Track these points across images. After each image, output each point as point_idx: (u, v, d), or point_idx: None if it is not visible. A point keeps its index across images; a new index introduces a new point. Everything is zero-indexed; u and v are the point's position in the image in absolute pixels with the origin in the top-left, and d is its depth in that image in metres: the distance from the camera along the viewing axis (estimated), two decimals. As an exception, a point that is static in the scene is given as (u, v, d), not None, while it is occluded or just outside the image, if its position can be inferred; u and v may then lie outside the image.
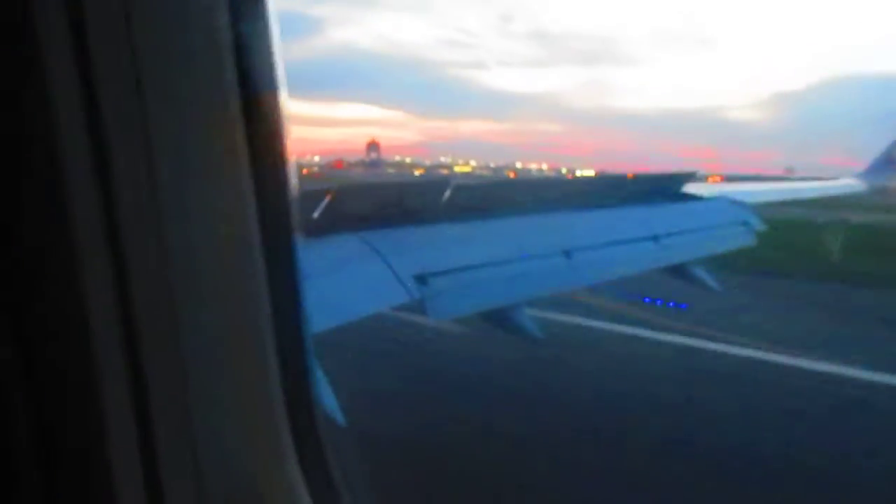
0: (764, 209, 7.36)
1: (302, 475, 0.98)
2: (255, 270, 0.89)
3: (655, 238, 5.14)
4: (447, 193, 4.12)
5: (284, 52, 0.94)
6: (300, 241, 1.03)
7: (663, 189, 6.47)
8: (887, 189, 11.64)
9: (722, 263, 5.85)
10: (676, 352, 10.15)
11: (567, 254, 4.31)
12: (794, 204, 9.25)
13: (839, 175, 12.35)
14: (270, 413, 0.94)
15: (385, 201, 4.01)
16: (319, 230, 3.38)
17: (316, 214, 3.41)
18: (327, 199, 3.44)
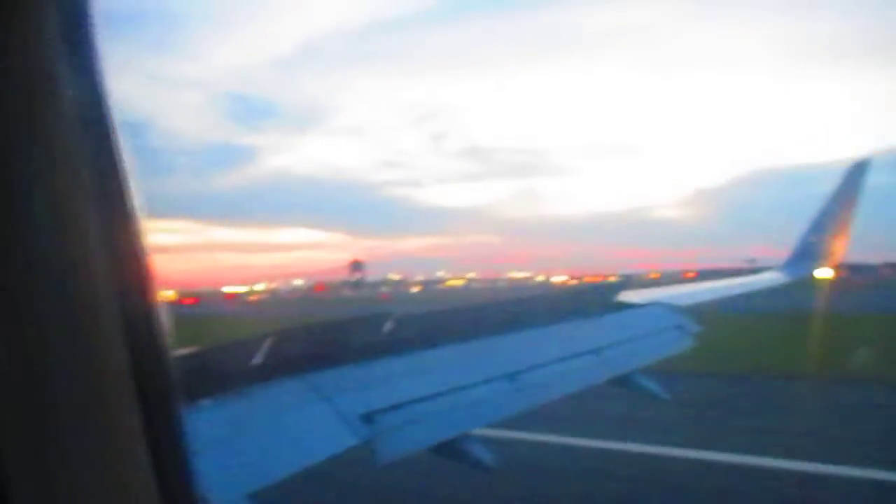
0: (696, 310, 7.56)
1: None
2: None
3: (597, 351, 5.18)
4: (388, 326, 4.10)
5: (221, 181, 0.96)
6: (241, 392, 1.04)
7: (599, 299, 6.60)
8: (807, 280, 12.12)
9: (663, 369, 5.91)
10: (623, 457, 10.11)
11: (511, 377, 4.29)
12: (724, 301, 9.51)
13: (776, 264, 12.83)
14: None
15: (327, 340, 3.97)
16: (261, 376, 3.30)
17: (257, 360, 3.34)
18: (267, 342, 3.38)
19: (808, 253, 12.50)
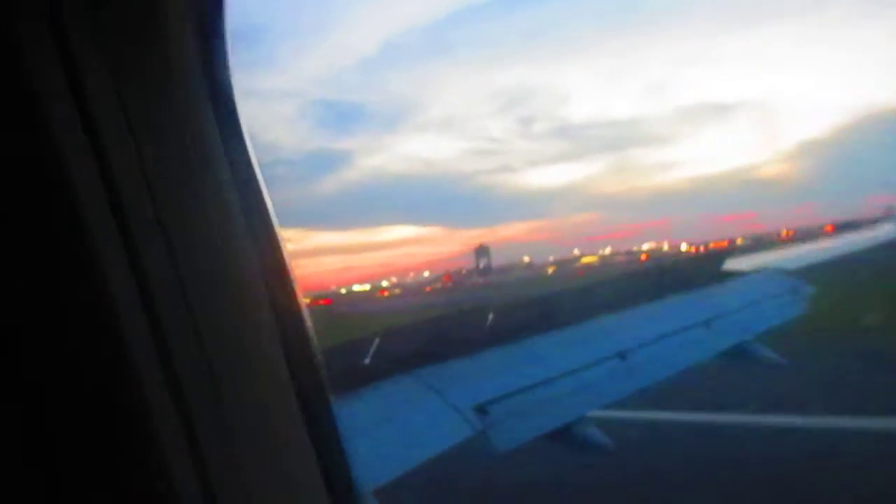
0: (808, 272, 7.22)
1: None
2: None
3: (707, 324, 5.03)
4: (491, 318, 4.12)
5: (320, 187, 1.01)
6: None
7: (706, 270, 6.41)
8: None
9: (779, 335, 5.68)
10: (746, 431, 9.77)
11: (622, 356, 4.23)
12: (839, 260, 9.05)
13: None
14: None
15: (433, 336, 4.03)
16: (373, 375, 3.38)
17: (367, 360, 3.42)
18: (376, 342, 3.47)
19: None
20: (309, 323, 1.03)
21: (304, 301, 1.03)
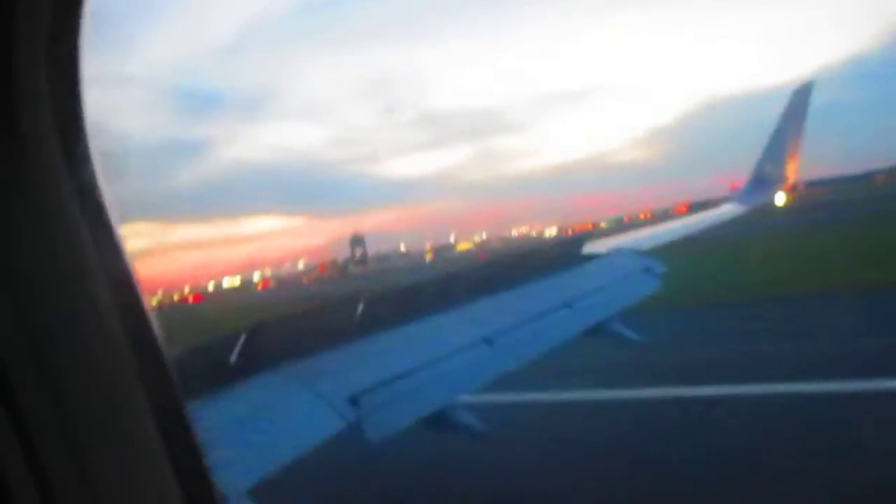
0: (659, 251, 7.71)
1: None
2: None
3: (568, 305, 5.28)
4: (360, 308, 4.13)
5: (177, 178, 0.99)
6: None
7: (565, 253, 6.70)
8: (762, 208, 12.37)
9: (635, 313, 6.04)
10: (609, 406, 10.33)
11: (489, 341, 4.37)
12: (686, 239, 9.69)
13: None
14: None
15: (302, 328, 3.99)
16: (241, 371, 3.32)
17: (234, 356, 3.35)
18: (242, 338, 3.40)
19: (764, 180, 12.71)
20: (156, 325, 1.00)
21: (149, 302, 1.00)
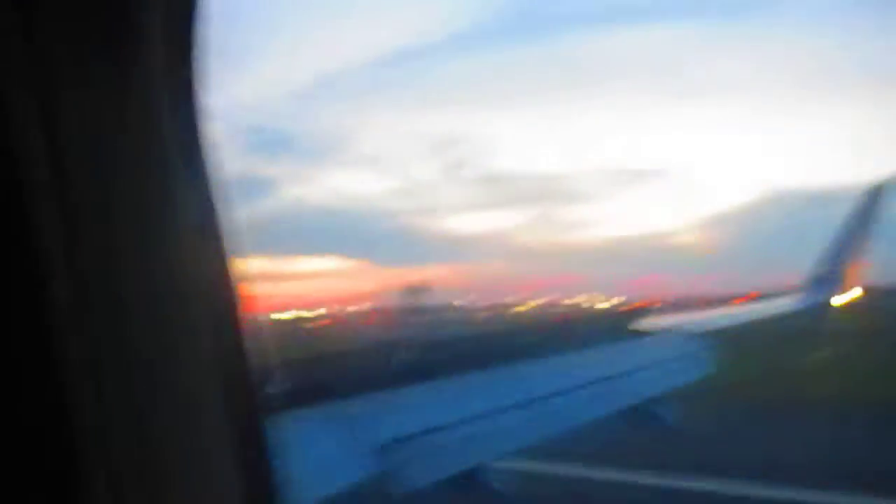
0: (713, 338, 7.53)
1: None
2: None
3: (612, 380, 5.18)
4: (402, 355, 4.13)
5: (239, 213, 1.00)
6: None
7: (616, 327, 6.60)
8: (817, 308, 12.03)
9: (680, 396, 5.88)
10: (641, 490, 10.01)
11: (527, 406, 4.30)
12: (738, 329, 9.47)
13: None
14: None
15: (341, 369, 4.00)
16: (274, 406, 3.32)
17: (269, 389, 3.35)
18: (278, 372, 3.41)
19: (825, 279, 12.42)
20: (249, 341, 1.01)
21: (247, 309, 1.00)
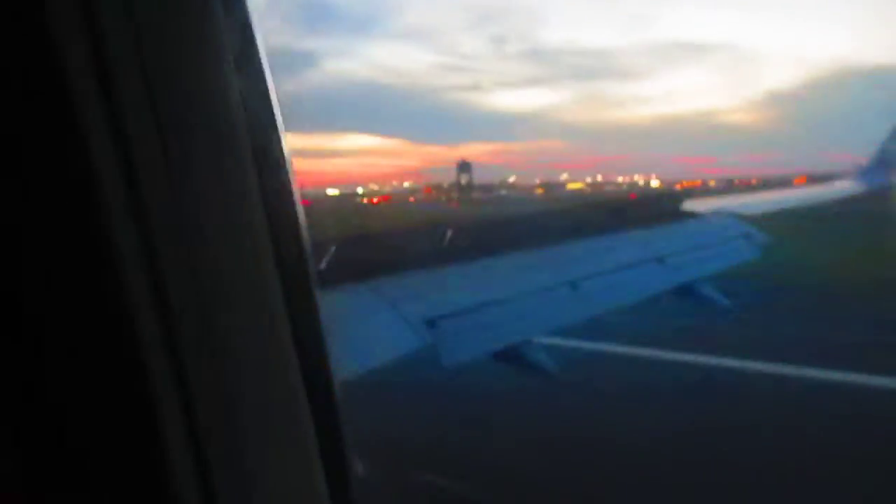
0: (765, 221, 7.37)
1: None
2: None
3: (660, 260, 5.14)
4: (450, 234, 4.14)
5: (281, 88, 0.98)
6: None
7: (665, 208, 6.50)
8: (881, 191, 11.63)
9: (729, 278, 5.83)
10: (687, 369, 10.12)
11: (573, 285, 4.32)
12: (792, 212, 9.24)
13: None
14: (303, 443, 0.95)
15: (391, 247, 4.04)
16: (325, 282, 3.39)
17: (322, 266, 3.43)
18: (332, 250, 3.47)
19: (882, 164, 11.95)
20: (320, 315, 1.00)
21: (317, 292, 0.99)
